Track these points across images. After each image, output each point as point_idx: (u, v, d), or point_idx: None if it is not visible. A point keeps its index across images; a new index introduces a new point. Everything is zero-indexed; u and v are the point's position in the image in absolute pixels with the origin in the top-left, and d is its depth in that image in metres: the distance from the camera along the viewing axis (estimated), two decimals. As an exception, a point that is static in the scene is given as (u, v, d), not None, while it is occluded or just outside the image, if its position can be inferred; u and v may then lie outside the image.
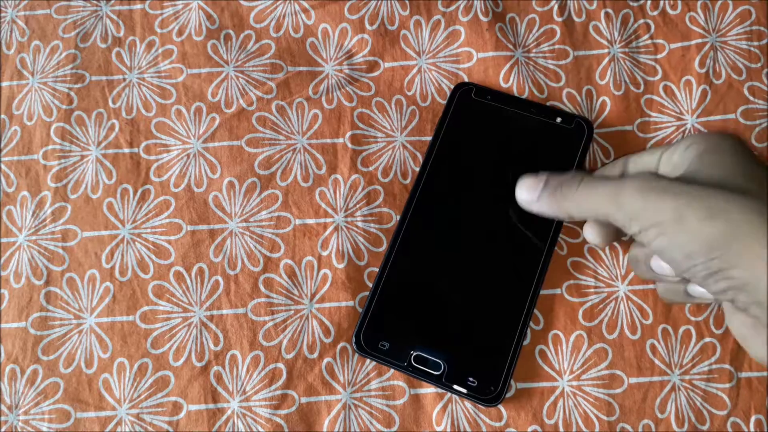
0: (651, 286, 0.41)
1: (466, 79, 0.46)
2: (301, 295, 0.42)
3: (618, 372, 0.40)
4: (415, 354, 0.39)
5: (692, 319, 0.40)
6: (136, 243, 0.43)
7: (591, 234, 0.39)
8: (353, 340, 0.40)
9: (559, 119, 0.44)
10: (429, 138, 0.44)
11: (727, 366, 0.40)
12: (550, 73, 0.46)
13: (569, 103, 0.45)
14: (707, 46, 0.46)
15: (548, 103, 0.45)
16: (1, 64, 0.47)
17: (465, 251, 0.41)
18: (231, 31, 0.47)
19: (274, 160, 0.44)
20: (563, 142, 0.43)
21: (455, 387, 0.38)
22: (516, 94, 0.45)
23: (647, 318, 0.41)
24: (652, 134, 0.44)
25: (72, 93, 0.46)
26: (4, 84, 0.46)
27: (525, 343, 0.40)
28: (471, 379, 0.38)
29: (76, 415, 0.40)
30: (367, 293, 0.41)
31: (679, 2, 0.47)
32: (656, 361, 0.40)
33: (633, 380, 0.40)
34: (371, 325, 0.40)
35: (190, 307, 0.42)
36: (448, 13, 0.47)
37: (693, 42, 0.46)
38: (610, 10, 0.47)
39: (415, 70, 0.46)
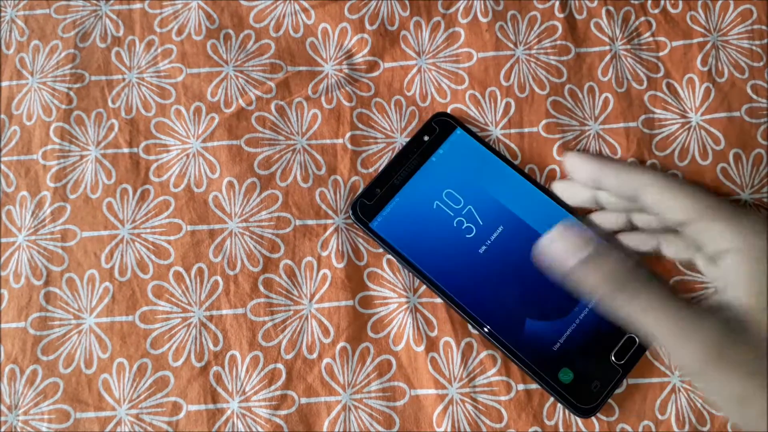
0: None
1: (467, 79, 0.45)
2: (300, 295, 0.42)
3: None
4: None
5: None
6: (136, 243, 0.43)
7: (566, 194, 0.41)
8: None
9: (426, 137, 0.43)
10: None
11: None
12: (552, 69, 0.46)
13: (571, 98, 0.45)
14: (709, 45, 0.45)
15: (550, 99, 0.45)
16: (1, 63, 0.47)
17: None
18: (231, 31, 0.47)
19: (273, 161, 0.44)
20: (455, 146, 0.43)
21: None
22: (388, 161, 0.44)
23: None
24: (657, 131, 0.44)
25: (71, 93, 0.46)
26: (4, 84, 0.46)
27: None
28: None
29: (76, 415, 0.40)
30: (366, 293, 0.42)
31: (680, 1, 0.46)
32: (656, 363, 0.40)
33: (632, 381, 0.40)
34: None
35: (189, 308, 0.42)
36: (447, 15, 0.47)
37: (695, 40, 0.46)
38: (611, 8, 0.46)
39: (414, 70, 0.46)
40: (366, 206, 0.42)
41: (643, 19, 0.46)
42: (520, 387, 0.40)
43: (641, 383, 0.39)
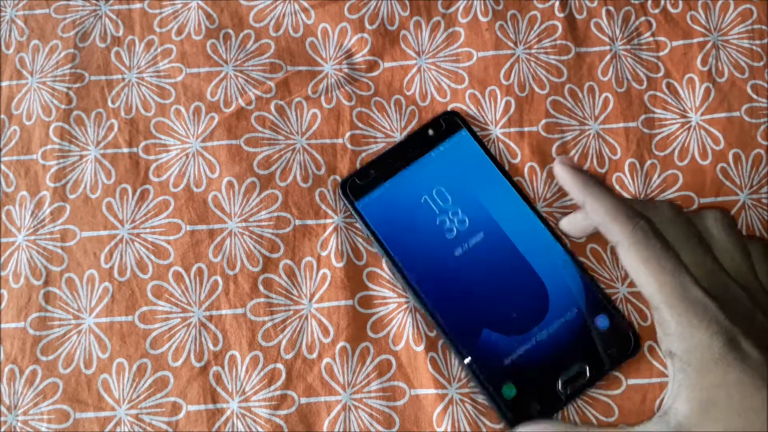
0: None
1: (467, 79, 0.45)
2: (300, 295, 0.42)
3: (616, 373, 0.40)
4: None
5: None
6: (135, 243, 0.43)
7: (569, 226, 0.40)
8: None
9: (431, 131, 0.43)
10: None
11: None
12: (552, 68, 0.46)
13: (571, 98, 0.45)
14: (709, 45, 0.45)
15: (550, 99, 0.45)
16: (0, 63, 0.47)
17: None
18: (230, 31, 0.47)
19: (273, 160, 0.44)
20: (457, 146, 0.43)
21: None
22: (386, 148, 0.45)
23: (645, 320, 0.40)
24: (657, 130, 0.44)
25: (71, 93, 0.46)
26: (3, 83, 0.46)
27: None
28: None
29: (75, 415, 0.40)
30: (366, 293, 0.42)
31: (680, 1, 0.46)
32: (654, 363, 0.40)
33: (631, 381, 0.39)
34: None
35: (189, 308, 0.42)
36: (447, 15, 0.47)
37: (695, 40, 0.46)
38: (611, 8, 0.46)
39: (414, 70, 0.46)
40: (356, 185, 0.42)
41: (643, 19, 0.46)
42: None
43: (641, 384, 0.39)
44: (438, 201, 0.42)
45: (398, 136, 0.44)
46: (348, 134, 0.44)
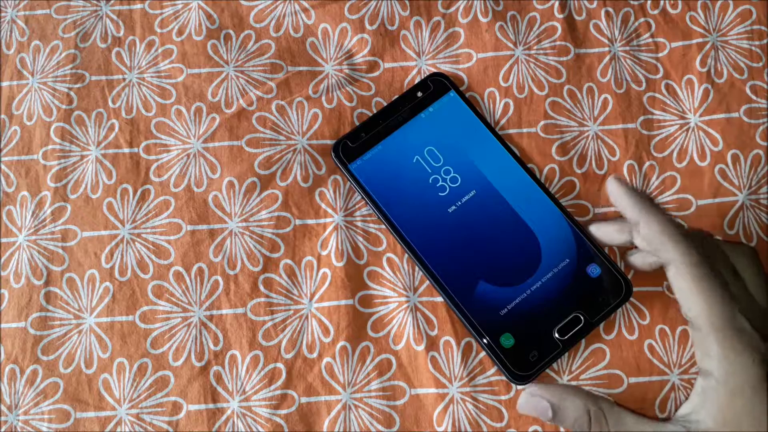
0: (650, 288, 0.41)
1: (466, 80, 0.46)
2: (300, 294, 0.42)
3: (617, 372, 0.40)
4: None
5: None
6: (136, 243, 0.43)
7: (598, 233, 0.40)
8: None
9: (419, 93, 0.44)
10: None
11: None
12: (551, 69, 0.46)
13: (570, 99, 0.45)
14: (708, 45, 0.46)
15: (549, 100, 0.45)
16: (1, 64, 0.47)
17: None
18: (231, 31, 0.47)
19: (274, 161, 0.44)
20: (446, 107, 0.44)
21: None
22: (375, 110, 0.46)
23: (645, 319, 0.41)
24: (656, 132, 0.44)
25: (72, 93, 0.46)
26: (4, 84, 0.46)
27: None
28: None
29: (76, 415, 0.40)
30: (366, 292, 0.42)
31: (680, 2, 0.47)
32: (655, 361, 0.40)
33: (632, 380, 0.40)
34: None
35: (189, 307, 0.42)
36: (447, 15, 0.47)
37: (694, 41, 0.46)
38: (610, 9, 0.47)
39: (414, 71, 0.46)
40: (348, 148, 0.43)
41: (642, 20, 0.46)
42: (520, 386, 0.40)
43: (641, 382, 0.40)
44: (430, 160, 0.43)
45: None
46: (349, 134, 0.45)
